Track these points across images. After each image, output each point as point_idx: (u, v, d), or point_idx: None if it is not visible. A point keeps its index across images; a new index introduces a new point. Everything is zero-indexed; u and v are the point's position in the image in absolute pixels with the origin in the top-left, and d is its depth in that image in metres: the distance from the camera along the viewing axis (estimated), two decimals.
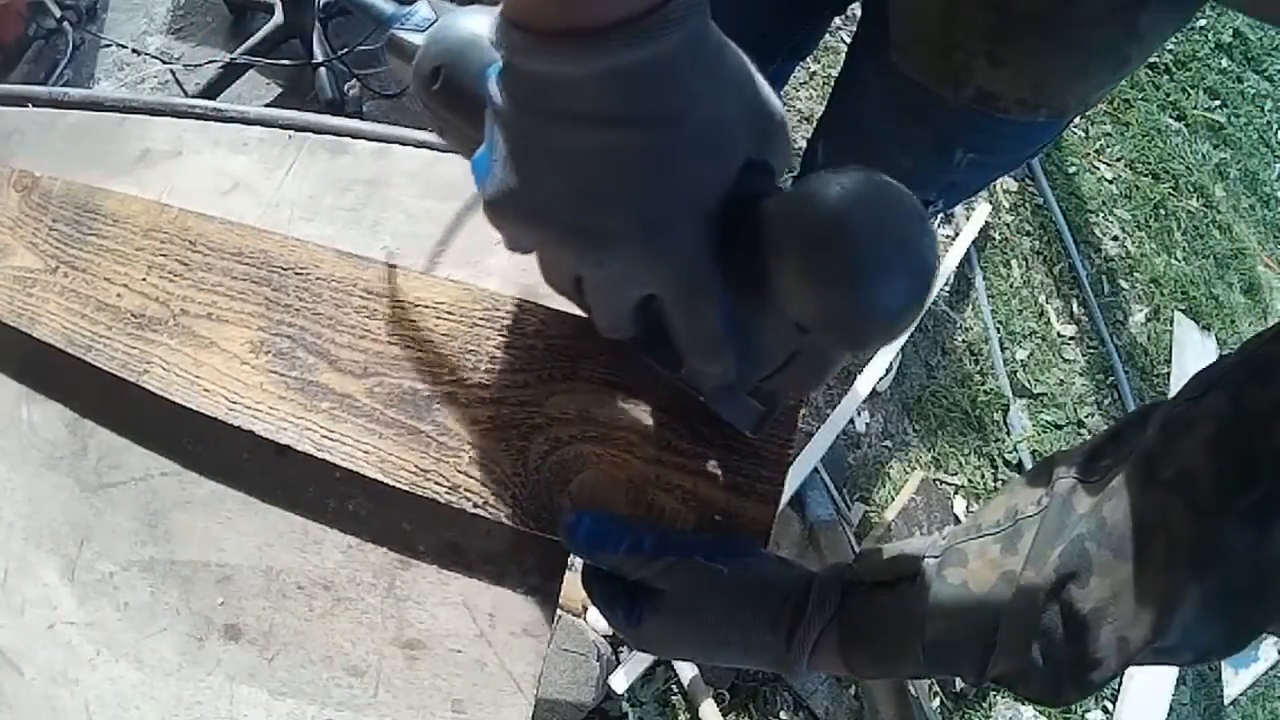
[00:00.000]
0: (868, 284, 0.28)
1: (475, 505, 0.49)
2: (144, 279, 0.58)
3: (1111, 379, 1.89)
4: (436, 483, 0.49)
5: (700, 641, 0.44)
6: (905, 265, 0.28)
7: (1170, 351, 1.97)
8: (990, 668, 0.39)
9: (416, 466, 0.50)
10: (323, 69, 1.56)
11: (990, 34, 0.58)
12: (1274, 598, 0.32)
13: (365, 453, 0.50)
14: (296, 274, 0.55)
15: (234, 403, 0.53)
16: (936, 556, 0.43)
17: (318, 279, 0.55)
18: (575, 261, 0.33)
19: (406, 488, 0.49)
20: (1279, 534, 0.31)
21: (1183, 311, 2.02)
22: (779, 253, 0.30)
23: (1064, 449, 0.43)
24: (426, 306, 0.53)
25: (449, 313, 0.53)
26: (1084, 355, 1.91)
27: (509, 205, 0.31)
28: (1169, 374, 1.93)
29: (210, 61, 1.57)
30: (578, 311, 0.50)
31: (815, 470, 1.52)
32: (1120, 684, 1.57)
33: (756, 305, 0.33)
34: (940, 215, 1.86)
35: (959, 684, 1.47)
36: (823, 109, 0.90)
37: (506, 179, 0.31)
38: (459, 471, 0.49)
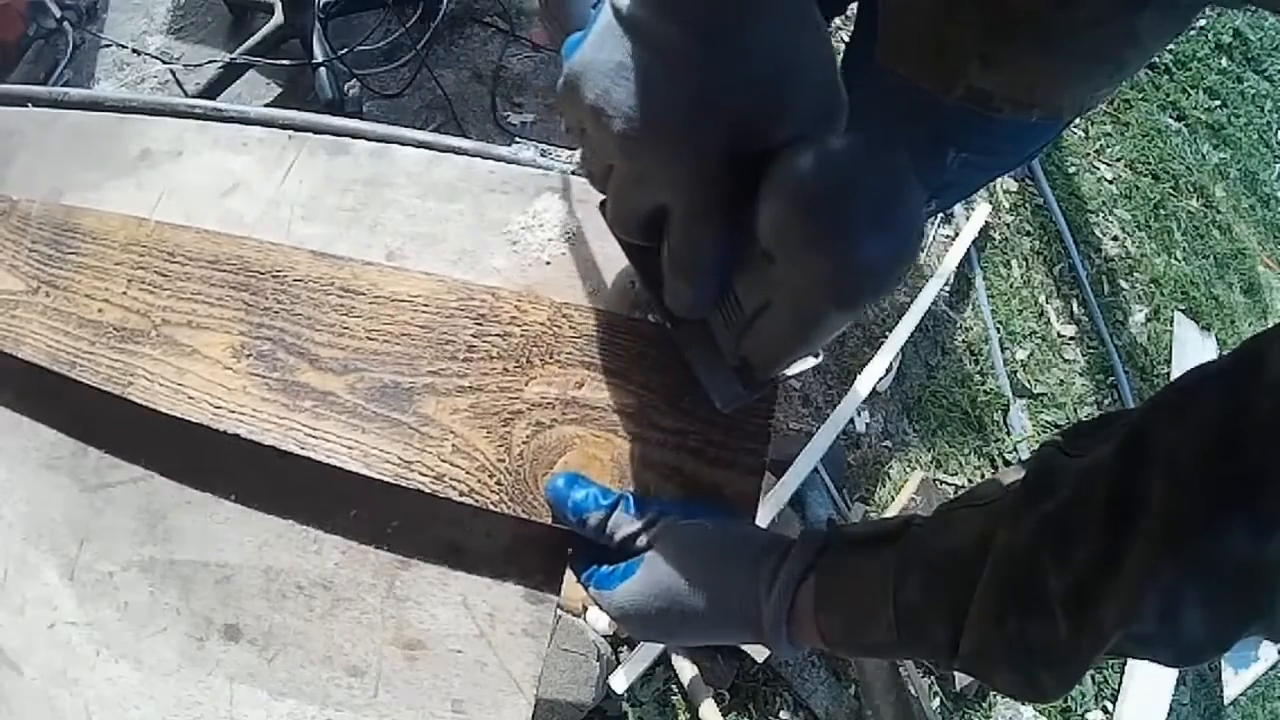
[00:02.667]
0: (829, 221, 0.30)
1: (460, 494, 0.49)
2: (124, 292, 0.58)
3: (1111, 379, 1.89)
4: (420, 473, 0.50)
5: (680, 601, 0.44)
6: (876, 225, 0.31)
7: (1170, 351, 1.97)
8: (963, 642, 0.38)
9: (400, 458, 0.50)
10: (323, 69, 1.56)
11: (984, 34, 0.58)
12: (1262, 591, 0.31)
13: (348, 448, 0.51)
14: (274, 277, 0.56)
15: (218, 408, 0.53)
16: (919, 524, 0.42)
17: (294, 280, 0.55)
18: (614, 148, 0.35)
19: (391, 480, 0.50)
20: (1269, 530, 0.31)
21: (1183, 311, 2.02)
22: (769, 188, 0.32)
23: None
24: (403, 300, 0.53)
25: (425, 305, 0.53)
26: (1084, 355, 1.91)
27: (581, 80, 0.34)
28: (1169, 374, 1.93)
29: (210, 61, 1.57)
30: (551, 295, 0.53)
31: (815, 470, 1.52)
32: (1120, 684, 1.57)
33: (745, 249, 0.35)
34: (939, 215, 1.86)
35: (958, 684, 1.47)
36: None
37: (588, 57, 0.34)
38: (442, 461, 0.50)
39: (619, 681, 1.26)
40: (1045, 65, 0.59)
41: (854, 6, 0.78)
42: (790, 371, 0.44)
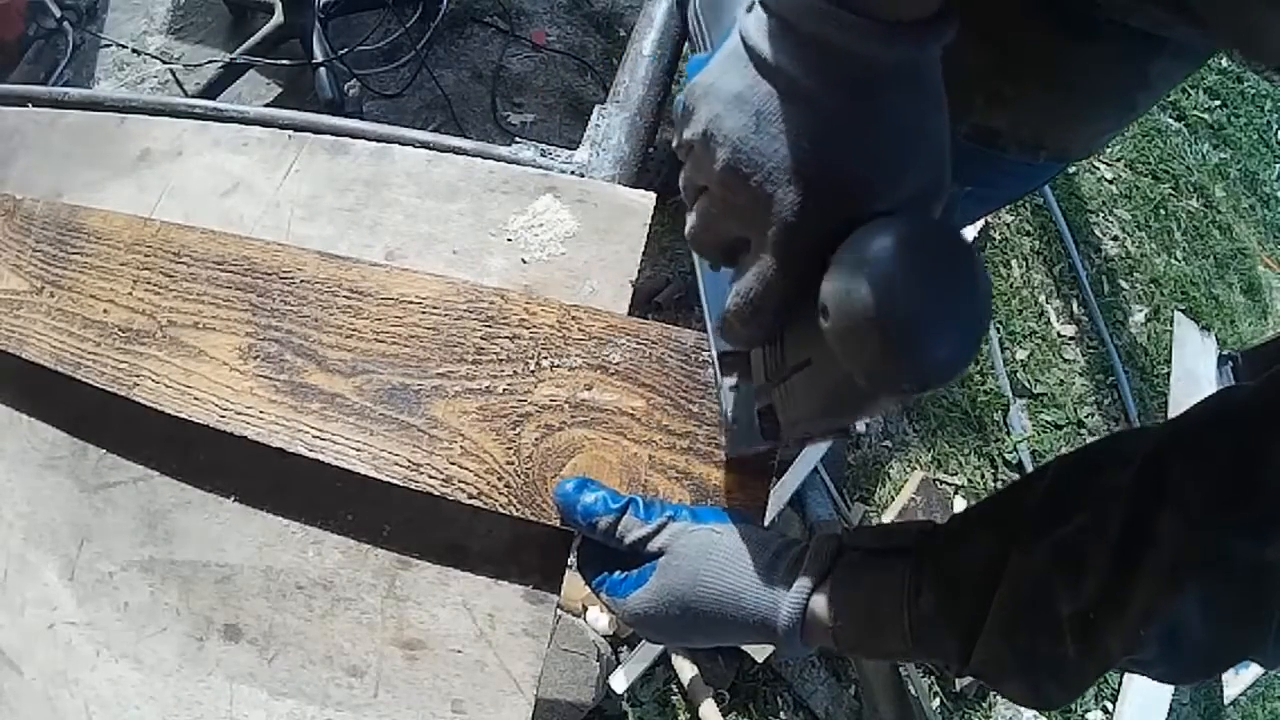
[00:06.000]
0: (892, 316, 0.28)
1: (469, 496, 0.49)
2: (130, 293, 0.58)
3: (1111, 379, 1.89)
4: (430, 476, 0.50)
5: (694, 607, 0.44)
6: (936, 334, 0.29)
7: (1170, 351, 1.96)
8: (974, 654, 0.39)
9: (409, 461, 0.50)
10: (323, 69, 1.56)
11: (992, 73, 0.57)
12: (1259, 628, 0.33)
13: (357, 450, 0.51)
14: (281, 278, 0.56)
15: (225, 409, 0.53)
16: (932, 534, 0.43)
17: (302, 282, 0.55)
18: (713, 169, 0.35)
19: (400, 483, 0.50)
20: (1271, 555, 0.32)
21: (1183, 311, 2.02)
22: (843, 256, 0.31)
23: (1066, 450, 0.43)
24: (411, 302, 0.53)
25: (433, 307, 0.53)
26: (1084, 355, 1.91)
27: (698, 101, 0.35)
28: (1169, 374, 1.93)
29: (210, 61, 1.57)
30: (551, 296, 0.53)
31: (815, 470, 1.52)
32: (1120, 684, 1.57)
33: (804, 306, 0.35)
34: None
35: (959, 684, 1.47)
36: None
37: (710, 80, 0.34)
38: (451, 464, 0.50)
39: (619, 681, 1.26)
40: (1053, 107, 0.59)
41: None
42: (812, 441, 0.44)
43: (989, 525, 0.41)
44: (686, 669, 1.33)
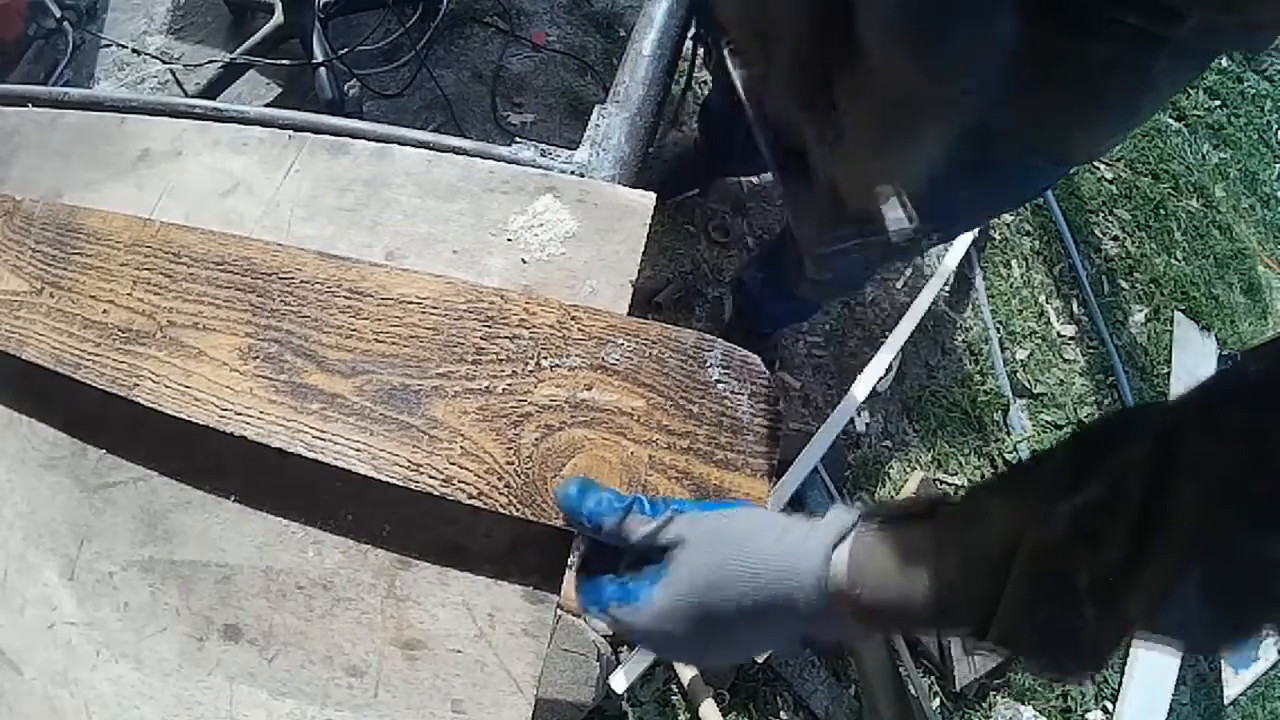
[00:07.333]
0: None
1: (469, 497, 0.49)
2: (129, 294, 0.58)
3: (1111, 379, 1.89)
4: (430, 476, 0.50)
5: (712, 595, 0.43)
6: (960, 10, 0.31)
7: (1170, 351, 1.96)
8: (993, 626, 0.39)
9: (409, 461, 0.50)
10: (323, 69, 1.56)
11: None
12: (1270, 597, 0.33)
13: (357, 450, 0.51)
14: (280, 279, 0.56)
15: (225, 410, 0.53)
16: (949, 507, 0.42)
17: (301, 282, 0.55)
18: None
19: (400, 483, 0.50)
20: (1269, 552, 0.32)
21: (1183, 311, 2.02)
22: None
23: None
24: (411, 302, 0.53)
25: (433, 307, 0.53)
26: (1084, 355, 1.91)
27: None
28: (1169, 374, 1.93)
29: (210, 61, 1.57)
30: (551, 296, 0.53)
31: (815, 470, 1.52)
32: (1120, 684, 1.57)
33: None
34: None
35: (959, 684, 1.47)
36: None
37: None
38: (451, 464, 0.50)
39: (619, 681, 1.26)
40: (1054, 110, 0.58)
41: None
42: (887, 224, 0.43)
43: (1005, 497, 0.41)
44: (686, 669, 1.33)
